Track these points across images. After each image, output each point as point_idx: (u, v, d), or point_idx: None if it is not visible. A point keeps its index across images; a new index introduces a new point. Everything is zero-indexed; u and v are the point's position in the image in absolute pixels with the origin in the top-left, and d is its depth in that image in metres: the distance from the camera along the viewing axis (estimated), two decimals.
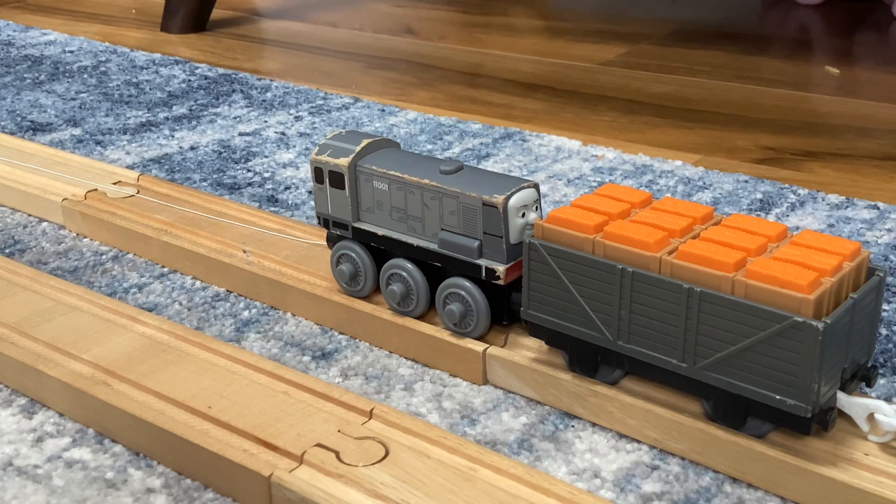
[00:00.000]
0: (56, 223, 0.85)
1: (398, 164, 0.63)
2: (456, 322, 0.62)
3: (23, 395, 0.61)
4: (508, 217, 0.58)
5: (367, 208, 0.65)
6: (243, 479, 0.51)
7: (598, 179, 0.93)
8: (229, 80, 1.26)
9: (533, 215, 0.60)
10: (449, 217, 0.61)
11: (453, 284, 0.61)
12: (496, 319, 0.62)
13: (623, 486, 0.53)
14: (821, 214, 0.85)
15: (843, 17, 1.63)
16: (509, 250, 0.59)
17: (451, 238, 0.61)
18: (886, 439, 0.51)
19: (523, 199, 0.59)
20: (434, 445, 0.52)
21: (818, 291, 0.48)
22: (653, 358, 0.54)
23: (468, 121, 1.09)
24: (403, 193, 0.62)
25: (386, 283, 0.65)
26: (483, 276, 0.60)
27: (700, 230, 0.55)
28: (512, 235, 0.59)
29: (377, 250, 0.65)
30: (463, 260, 0.60)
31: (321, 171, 0.65)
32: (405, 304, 0.64)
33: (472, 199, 0.59)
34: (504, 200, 0.58)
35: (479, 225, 0.60)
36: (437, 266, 0.62)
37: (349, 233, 0.66)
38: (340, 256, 0.67)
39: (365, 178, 0.64)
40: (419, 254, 0.63)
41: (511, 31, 1.56)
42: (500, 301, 0.61)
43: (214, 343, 0.62)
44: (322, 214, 0.67)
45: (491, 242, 0.59)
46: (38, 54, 1.38)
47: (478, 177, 0.61)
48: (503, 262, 0.59)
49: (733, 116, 1.13)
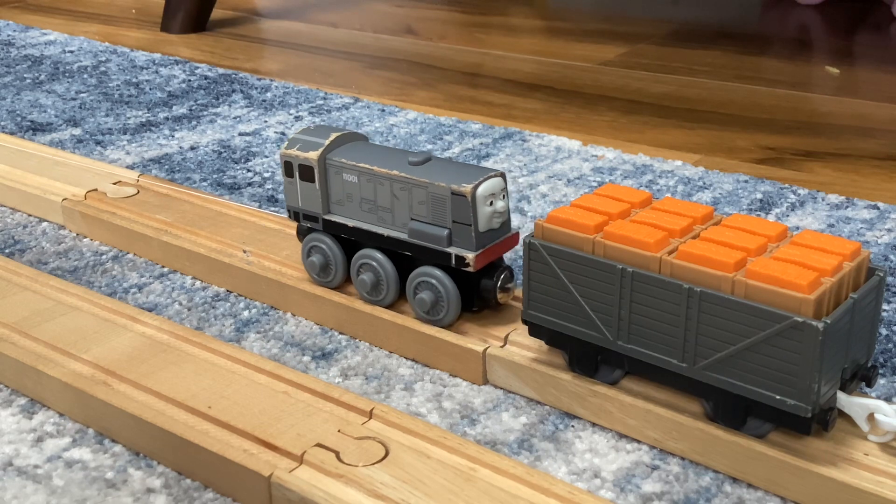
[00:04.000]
0: (56, 223, 0.85)
1: (367, 156, 0.65)
2: (427, 310, 0.63)
3: (23, 395, 0.61)
4: (477, 205, 0.60)
5: (337, 200, 0.66)
6: (243, 479, 0.51)
7: (598, 179, 0.93)
8: (229, 80, 1.26)
9: (500, 203, 0.61)
10: (418, 207, 0.62)
11: (424, 273, 0.63)
12: (466, 306, 0.63)
13: (623, 486, 0.53)
14: (821, 214, 0.85)
15: (843, 17, 1.63)
16: (478, 238, 0.61)
17: (421, 227, 0.62)
18: (886, 439, 0.51)
19: (491, 187, 0.61)
20: (434, 445, 0.52)
21: (818, 291, 0.48)
22: (653, 358, 0.54)
23: (468, 121, 1.09)
24: (373, 185, 0.64)
25: (356, 272, 0.66)
26: (453, 264, 0.61)
27: (700, 230, 0.55)
28: (481, 223, 0.60)
29: (347, 241, 0.67)
30: (433, 248, 0.62)
31: (291, 165, 0.67)
32: (375, 293, 0.66)
33: (440, 188, 0.61)
34: (472, 189, 0.60)
35: (448, 214, 0.61)
36: (408, 255, 0.64)
37: (320, 225, 0.67)
38: (311, 248, 0.68)
39: (335, 171, 0.65)
40: (390, 244, 0.64)
41: (511, 31, 1.56)
42: (469, 288, 0.62)
43: (214, 343, 0.62)
44: (292, 208, 0.68)
45: (460, 231, 0.61)
46: (38, 54, 1.38)
47: (446, 167, 0.63)
48: (472, 250, 0.61)
49: (733, 116, 1.13)
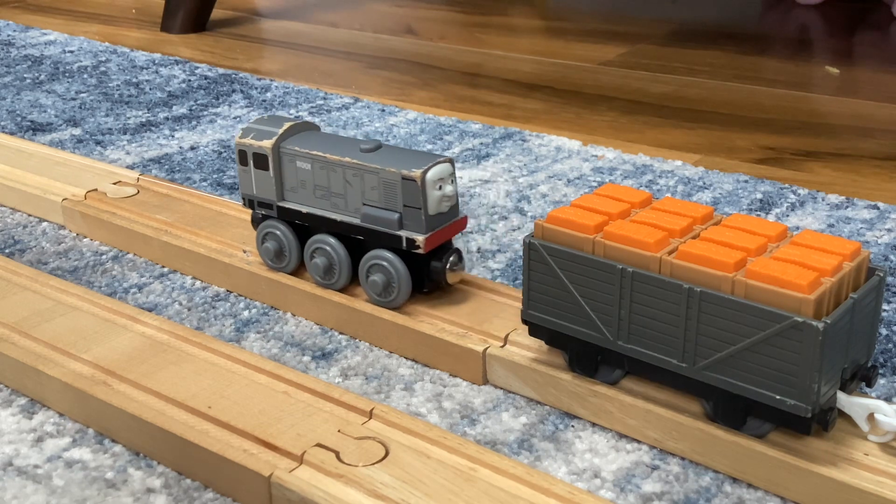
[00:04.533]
0: (56, 223, 0.85)
1: (320, 144, 0.67)
2: (378, 292, 0.65)
3: (23, 395, 0.61)
4: (426, 190, 0.62)
5: (290, 188, 0.68)
6: (243, 479, 0.51)
7: (598, 179, 0.93)
8: (229, 80, 1.26)
9: (449, 188, 0.64)
10: (370, 192, 0.64)
11: (375, 256, 0.65)
12: (417, 288, 0.65)
13: (623, 486, 0.53)
14: (821, 214, 0.85)
15: (843, 17, 1.63)
16: (428, 221, 0.63)
17: (373, 212, 0.64)
18: (886, 439, 0.51)
19: (440, 172, 0.63)
20: (434, 445, 0.52)
21: (818, 291, 0.48)
22: (653, 358, 0.54)
23: (468, 121, 1.09)
24: (326, 172, 0.66)
25: (310, 257, 0.68)
26: (404, 247, 0.64)
27: (700, 230, 0.55)
28: (430, 207, 0.63)
29: (301, 227, 0.69)
30: (384, 232, 0.64)
31: (245, 154, 0.69)
32: (328, 276, 0.68)
33: (391, 174, 0.63)
34: (422, 174, 0.62)
35: (398, 198, 0.63)
36: (360, 239, 0.66)
37: (274, 212, 0.69)
38: (266, 235, 0.70)
39: (288, 159, 0.67)
40: (343, 228, 0.66)
41: (511, 31, 1.56)
42: (420, 270, 0.65)
43: (214, 343, 0.62)
44: (247, 195, 0.70)
45: (411, 214, 0.63)
46: (38, 54, 1.38)
47: (396, 154, 0.65)
48: (423, 233, 0.63)
49: (733, 116, 1.13)
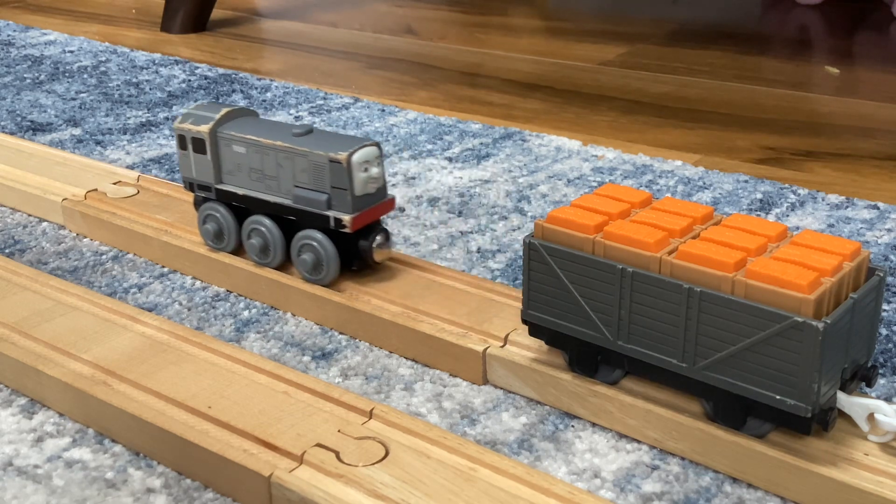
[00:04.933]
0: (56, 223, 0.85)
1: (254, 129, 0.70)
2: (308, 270, 0.69)
3: (23, 395, 0.61)
4: (352, 171, 0.66)
5: (228, 171, 0.71)
6: (243, 479, 0.51)
7: (598, 179, 0.93)
8: (229, 80, 1.26)
9: (375, 170, 0.67)
10: (301, 175, 0.68)
11: (306, 236, 0.68)
12: (346, 265, 0.69)
13: (623, 486, 0.53)
14: (821, 214, 0.85)
15: (843, 17, 1.63)
16: (354, 202, 0.66)
17: (303, 193, 0.68)
18: (886, 439, 0.51)
19: (365, 155, 0.66)
20: (434, 445, 0.52)
21: (818, 291, 0.48)
22: (653, 358, 0.54)
23: (468, 121, 1.09)
24: (260, 156, 0.69)
25: (247, 237, 0.71)
26: (332, 226, 0.67)
27: (700, 230, 0.55)
28: (356, 188, 0.66)
29: (239, 209, 0.72)
30: (314, 212, 0.67)
31: (184, 139, 0.72)
32: (264, 256, 0.71)
33: (319, 157, 0.66)
34: (347, 157, 0.65)
35: (326, 180, 0.66)
36: (292, 220, 0.69)
37: (213, 194, 0.72)
38: (206, 217, 0.73)
39: (225, 143, 0.71)
40: (276, 209, 0.69)
41: (511, 31, 1.56)
42: (348, 249, 0.68)
43: (214, 343, 0.62)
44: (188, 179, 0.73)
45: (338, 195, 0.66)
46: (38, 54, 1.38)
47: (325, 138, 0.68)
48: (349, 213, 0.66)
49: (733, 116, 1.13)
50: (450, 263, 0.77)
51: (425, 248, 0.79)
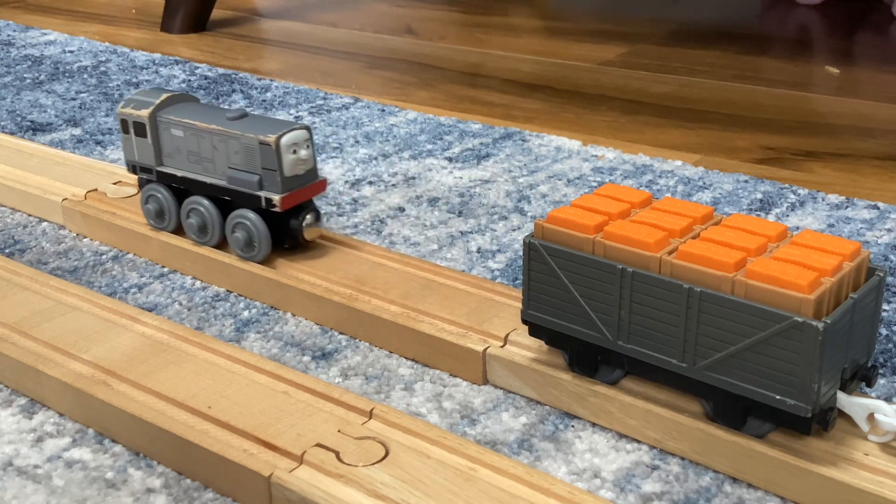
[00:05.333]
0: (56, 223, 0.85)
1: (192, 113, 0.73)
2: (241, 247, 0.72)
3: (23, 395, 0.61)
4: (281, 153, 0.69)
5: (167, 154, 0.75)
6: (243, 479, 0.51)
7: (598, 179, 0.93)
8: (229, 80, 1.26)
9: (304, 152, 0.70)
10: (234, 157, 0.71)
11: (239, 215, 0.72)
12: (278, 244, 0.72)
13: (623, 486, 0.53)
14: (821, 214, 0.85)
15: (843, 17, 1.63)
16: (284, 182, 0.70)
17: (237, 174, 0.71)
18: (886, 439, 0.51)
19: (294, 138, 0.70)
20: (434, 445, 0.52)
21: (818, 291, 0.48)
22: (653, 358, 0.54)
23: (468, 121, 1.09)
24: (196, 139, 0.73)
25: (186, 216, 0.75)
26: (263, 206, 0.70)
27: (700, 230, 0.55)
28: (286, 169, 0.69)
29: (178, 189, 0.75)
30: (246, 192, 0.71)
31: (126, 123, 0.75)
32: (202, 235, 0.75)
33: (250, 139, 0.70)
34: (277, 139, 0.69)
35: (258, 161, 0.70)
36: (227, 200, 0.72)
37: (154, 176, 0.76)
38: (148, 197, 0.77)
39: (164, 127, 0.74)
40: (212, 190, 0.73)
41: (511, 31, 1.56)
42: (279, 227, 0.71)
43: (214, 343, 0.62)
44: (131, 161, 0.77)
45: (268, 176, 0.70)
46: (38, 54, 1.38)
47: (258, 122, 0.71)
48: (279, 193, 0.69)
49: (733, 116, 1.13)
50: (450, 263, 0.77)
51: (425, 248, 0.79)
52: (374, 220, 0.85)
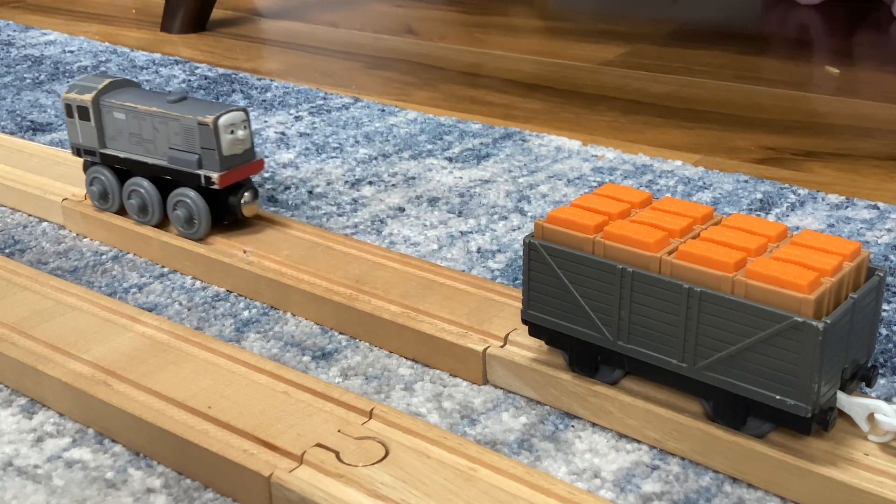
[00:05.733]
0: (56, 223, 0.85)
1: (133, 97, 0.77)
2: (182, 224, 0.76)
3: (23, 395, 0.61)
4: (219, 133, 0.72)
5: (110, 136, 0.78)
6: (243, 479, 0.51)
7: (598, 179, 0.93)
8: (229, 80, 1.26)
9: (241, 132, 0.73)
10: (174, 137, 0.74)
11: (179, 193, 0.75)
12: (217, 220, 0.76)
13: (623, 486, 0.53)
14: (821, 214, 0.85)
15: (843, 17, 1.63)
16: (222, 161, 0.73)
17: (177, 155, 0.74)
18: (886, 439, 0.51)
19: (232, 119, 0.73)
20: (434, 445, 0.52)
21: (818, 291, 0.48)
22: (653, 358, 0.54)
23: (468, 121, 1.09)
24: (138, 121, 0.76)
25: (128, 197, 0.78)
26: (203, 184, 0.74)
27: (700, 230, 0.55)
28: (224, 149, 0.73)
29: (121, 171, 0.78)
30: (186, 172, 0.74)
31: (70, 107, 0.78)
32: (143, 214, 0.78)
33: (189, 120, 0.73)
34: (214, 120, 0.72)
35: (197, 141, 0.73)
36: (168, 179, 0.76)
37: (97, 158, 0.79)
38: (93, 179, 0.80)
39: (107, 111, 0.77)
40: (153, 170, 0.76)
41: (511, 31, 1.56)
42: (219, 205, 0.75)
43: (214, 343, 0.62)
44: (76, 145, 0.80)
45: (207, 155, 0.73)
46: (38, 54, 1.38)
47: (197, 104, 0.75)
48: (218, 171, 0.73)
49: (733, 116, 1.13)
50: (450, 263, 0.77)
51: (425, 248, 0.79)
52: (374, 220, 0.85)
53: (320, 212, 0.86)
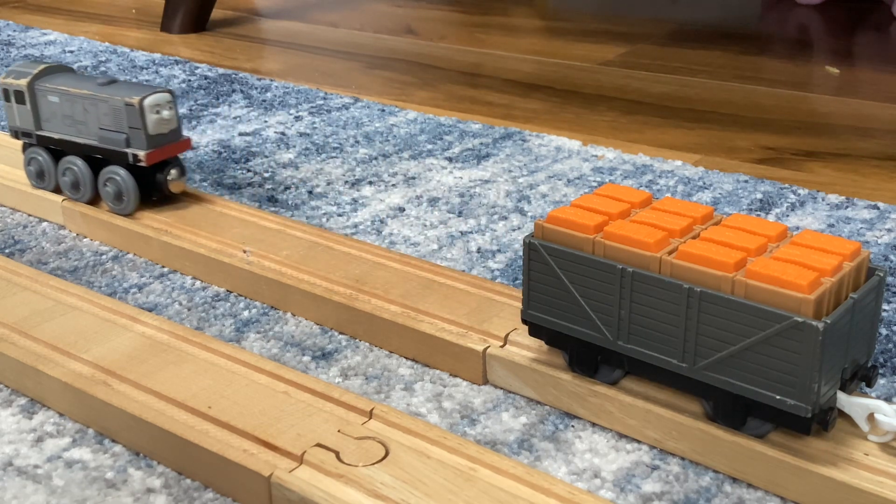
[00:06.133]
0: (56, 223, 0.85)
1: (66, 81, 0.81)
2: (112, 200, 0.80)
3: (23, 395, 0.61)
4: (145, 113, 0.77)
5: (45, 118, 0.82)
6: (243, 479, 0.51)
7: (598, 179, 0.93)
8: (229, 80, 1.26)
9: (167, 113, 0.78)
10: (104, 118, 0.79)
11: (109, 171, 0.80)
12: (146, 196, 0.80)
13: (623, 486, 0.53)
14: (821, 214, 0.85)
15: (843, 17, 1.63)
16: (149, 140, 0.78)
17: (107, 134, 0.79)
18: (886, 439, 0.51)
19: (157, 100, 0.77)
20: (434, 445, 0.52)
21: (818, 291, 0.48)
22: (653, 358, 0.54)
23: (468, 121, 1.09)
24: (70, 103, 0.80)
25: (61, 175, 0.82)
26: (131, 161, 0.78)
27: (700, 230, 0.55)
28: (150, 128, 0.77)
29: (56, 151, 0.83)
30: (115, 150, 0.79)
31: (7, 92, 0.83)
32: (75, 191, 0.82)
33: (117, 101, 0.78)
34: (140, 100, 0.77)
35: (124, 121, 0.78)
36: (99, 158, 0.80)
37: (34, 140, 0.83)
38: (30, 160, 0.84)
39: (41, 94, 0.82)
40: (85, 150, 0.81)
41: (511, 31, 1.56)
42: (146, 181, 0.80)
43: (214, 343, 0.62)
44: (13, 128, 0.84)
45: (134, 135, 0.78)
46: (38, 54, 1.38)
47: (125, 87, 0.79)
48: (144, 149, 0.78)
49: (733, 116, 1.13)
50: (450, 263, 0.77)
51: (425, 248, 0.79)
52: (374, 220, 0.85)
53: (320, 212, 0.86)
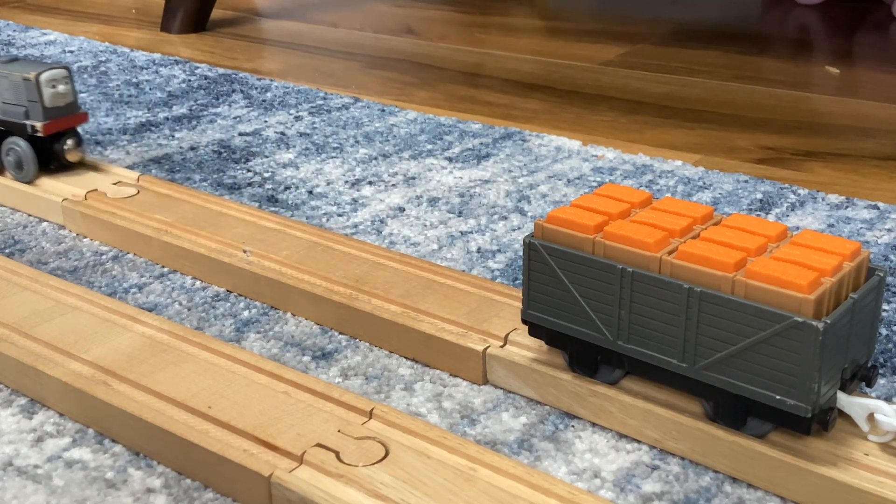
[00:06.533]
0: (56, 223, 0.85)
1: None
2: (13, 168, 0.87)
3: (23, 395, 0.61)
4: (41, 87, 0.84)
5: None
6: (243, 479, 0.51)
7: (598, 179, 0.93)
8: (229, 80, 1.26)
9: (62, 87, 0.85)
10: (6, 93, 0.86)
11: (11, 142, 0.87)
12: (45, 165, 0.87)
13: (623, 486, 0.53)
14: (821, 214, 0.85)
15: (843, 17, 1.63)
16: (45, 112, 0.85)
17: (8, 108, 0.86)
18: (886, 439, 0.51)
19: (53, 75, 0.85)
20: (434, 445, 0.52)
21: (818, 291, 0.48)
22: (653, 358, 0.54)
23: (468, 121, 1.09)
24: None
25: None
26: (29, 132, 0.85)
27: (700, 230, 0.55)
28: (46, 101, 0.84)
29: None
30: (16, 122, 0.86)
31: None
32: None
33: (17, 77, 0.85)
34: (36, 75, 0.84)
35: (23, 95, 0.85)
36: (3, 130, 0.87)
37: None
38: None
39: None
40: None
41: (511, 31, 1.56)
42: (45, 151, 0.86)
43: (214, 343, 0.62)
44: None
45: (32, 107, 0.85)
46: (38, 54, 1.38)
47: (25, 63, 0.87)
48: (41, 121, 0.84)
49: (733, 116, 1.13)
50: (450, 263, 0.77)
51: (425, 248, 0.79)
52: (374, 220, 0.85)
53: (320, 212, 0.86)
